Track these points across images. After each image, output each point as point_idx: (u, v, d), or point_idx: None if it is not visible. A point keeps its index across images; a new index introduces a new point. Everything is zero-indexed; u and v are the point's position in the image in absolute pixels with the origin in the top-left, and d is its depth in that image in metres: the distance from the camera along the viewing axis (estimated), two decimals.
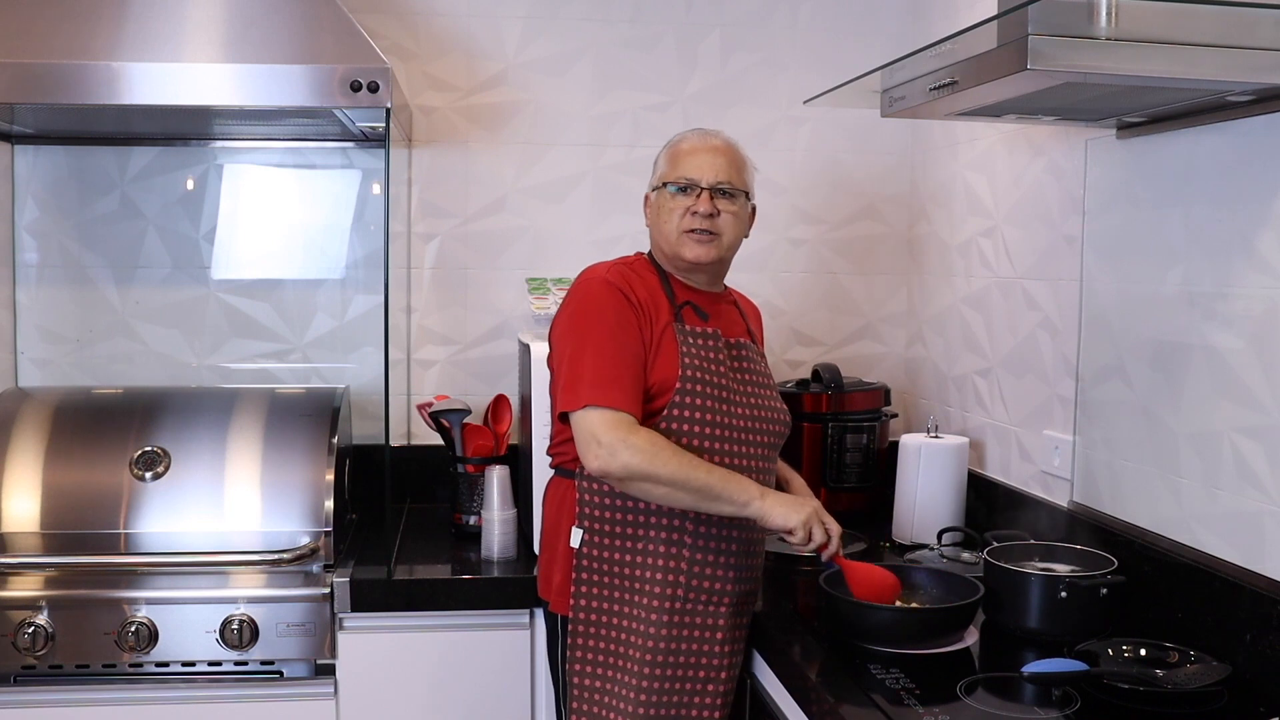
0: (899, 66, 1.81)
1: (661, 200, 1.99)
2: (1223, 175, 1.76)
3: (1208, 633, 1.75)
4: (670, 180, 1.97)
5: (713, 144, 1.99)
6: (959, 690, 1.62)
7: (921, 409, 2.87)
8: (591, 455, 1.80)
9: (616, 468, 1.78)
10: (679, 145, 2.01)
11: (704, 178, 1.95)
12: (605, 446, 1.78)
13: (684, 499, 1.81)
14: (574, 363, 1.87)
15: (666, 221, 1.97)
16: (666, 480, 1.79)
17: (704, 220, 1.94)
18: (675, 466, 1.79)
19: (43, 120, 2.52)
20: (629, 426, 1.81)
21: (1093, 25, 1.42)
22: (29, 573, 2.19)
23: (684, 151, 1.99)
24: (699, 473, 1.80)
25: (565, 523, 1.95)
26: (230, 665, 2.18)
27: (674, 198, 1.96)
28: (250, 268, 2.80)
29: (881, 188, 2.96)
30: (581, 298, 1.93)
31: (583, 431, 1.82)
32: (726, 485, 1.81)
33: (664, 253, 2.01)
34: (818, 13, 2.89)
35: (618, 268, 1.97)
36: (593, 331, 1.87)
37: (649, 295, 1.94)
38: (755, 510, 1.82)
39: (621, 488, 1.84)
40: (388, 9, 2.77)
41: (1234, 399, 1.73)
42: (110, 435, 2.37)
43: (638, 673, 1.88)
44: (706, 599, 1.90)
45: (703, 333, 1.95)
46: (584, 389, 1.83)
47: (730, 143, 2.01)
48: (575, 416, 1.84)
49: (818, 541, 1.84)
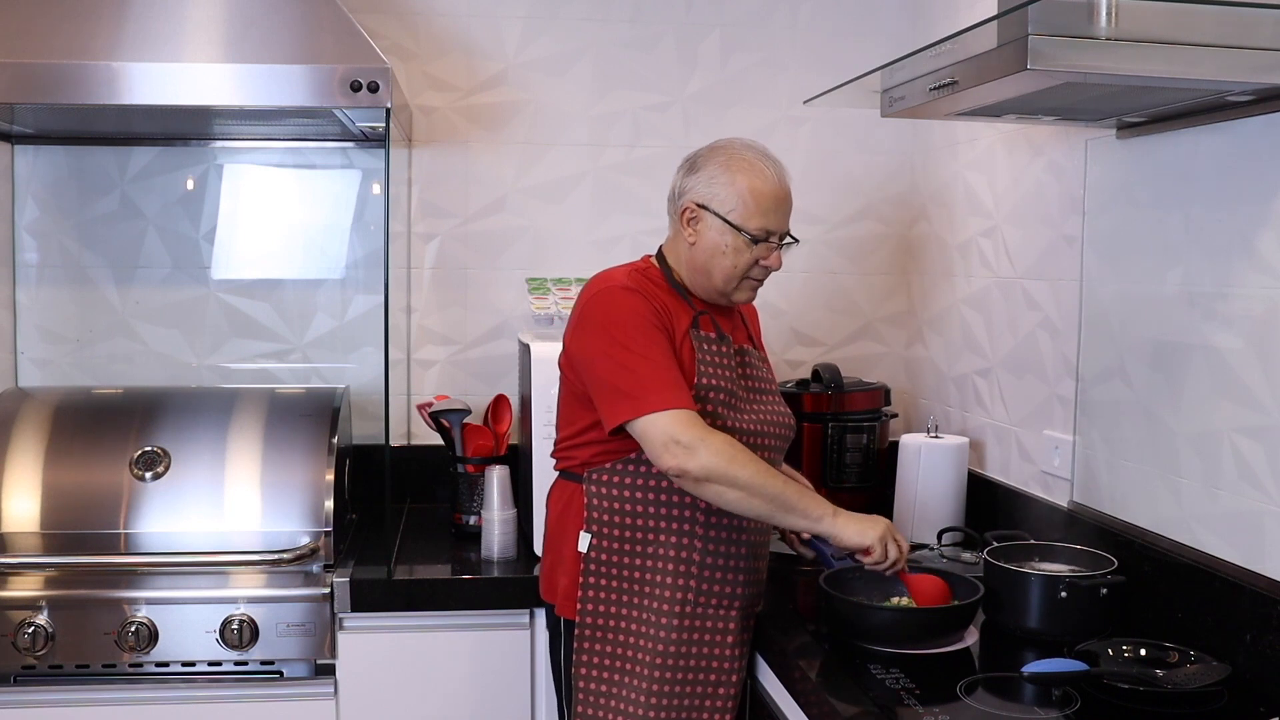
0: (899, 66, 1.81)
1: (729, 240, 1.88)
2: (1223, 175, 1.76)
3: (1208, 633, 1.75)
4: (750, 230, 1.87)
5: (787, 188, 1.91)
6: (959, 690, 1.62)
7: (921, 409, 2.87)
8: (670, 455, 1.75)
9: (695, 467, 1.74)
10: (758, 186, 1.88)
11: (781, 229, 1.90)
12: (685, 445, 1.74)
13: (757, 506, 1.78)
14: (627, 371, 1.81)
15: (732, 265, 1.89)
16: (744, 484, 1.76)
17: (770, 272, 1.92)
18: (753, 472, 1.76)
19: (43, 120, 2.52)
20: (704, 426, 1.78)
21: (1093, 25, 1.42)
22: (29, 573, 2.19)
23: (767, 196, 1.88)
24: (775, 481, 1.78)
25: (571, 526, 1.94)
26: (230, 665, 2.18)
27: (747, 244, 1.88)
28: (250, 268, 2.80)
29: (881, 188, 2.96)
30: (610, 307, 1.87)
31: (658, 433, 1.76)
32: (802, 498, 1.80)
33: (707, 283, 1.93)
34: (818, 13, 2.89)
35: (634, 275, 1.92)
36: (634, 338, 1.83)
37: (668, 302, 1.91)
38: (827, 527, 1.80)
39: (695, 489, 1.79)
40: (388, 9, 2.77)
41: (1234, 399, 1.73)
42: (110, 435, 2.36)
43: (647, 676, 1.87)
44: (718, 602, 1.90)
45: (717, 339, 1.93)
46: (647, 395, 1.78)
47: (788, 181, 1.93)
48: (643, 423, 1.78)
49: (891, 559, 1.83)
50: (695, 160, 1.94)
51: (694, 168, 1.94)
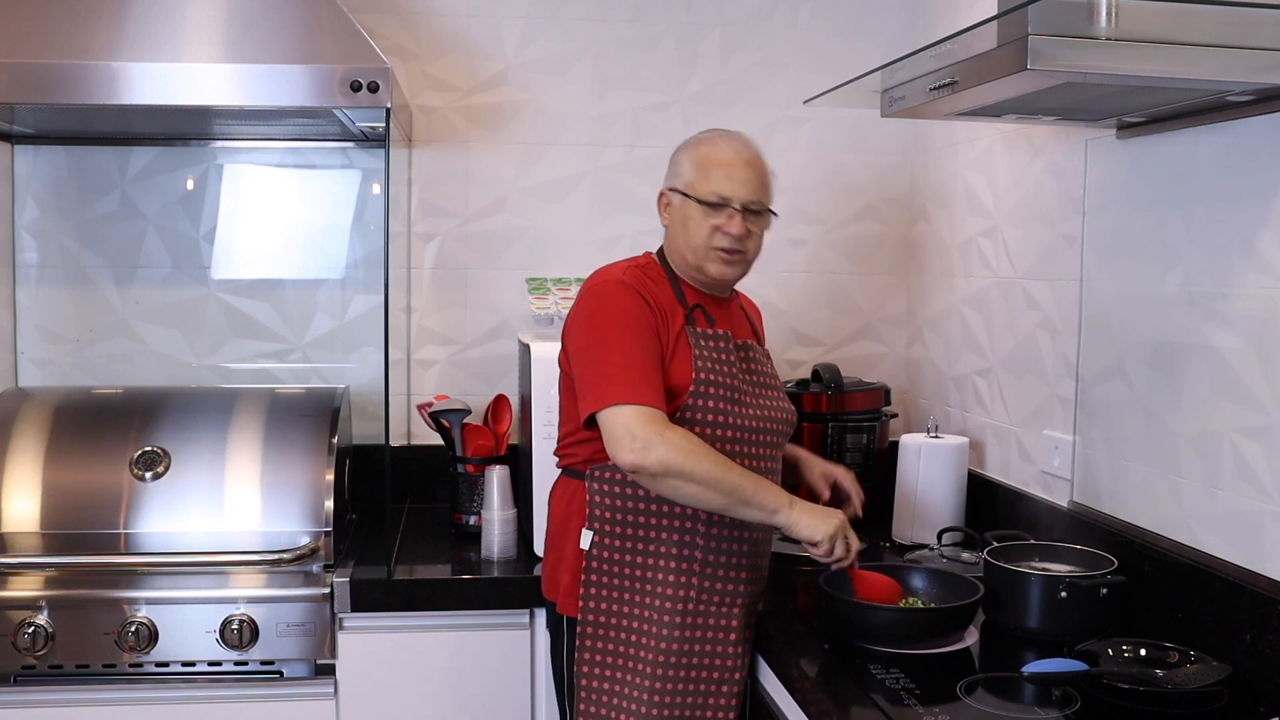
0: (899, 66, 1.81)
1: (688, 211, 1.92)
2: (1223, 175, 1.76)
3: (1208, 633, 1.75)
4: (701, 196, 1.90)
5: (745, 155, 1.92)
6: (959, 690, 1.62)
7: (921, 409, 2.87)
8: (626, 450, 1.75)
9: (651, 462, 1.75)
10: (710, 153, 1.92)
11: (737, 196, 1.89)
12: (641, 440, 1.75)
13: (714, 500, 1.79)
14: (600, 363, 1.83)
15: (694, 235, 1.91)
16: (700, 479, 1.76)
17: (734, 240, 1.90)
18: (710, 466, 1.77)
19: (43, 120, 2.52)
20: (664, 422, 1.78)
21: (1093, 25, 1.42)
22: (29, 573, 2.19)
23: (717, 162, 1.90)
24: (732, 475, 1.78)
25: (574, 524, 1.94)
26: (230, 665, 2.18)
27: (704, 212, 1.90)
28: (250, 268, 2.80)
29: (881, 188, 2.96)
30: (599, 300, 1.89)
31: (616, 428, 1.77)
32: (758, 491, 1.80)
33: (685, 261, 1.95)
34: (818, 13, 2.89)
35: (631, 270, 1.93)
36: (615, 332, 1.84)
37: (663, 298, 1.92)
38: (783, 519, 1.81)
39: (652, 484, 1.79)
40: (388, 9, 2.77)
41: (1234, 399, 1.73)
42: (110, 435, 2.36)
43: (650, 674, 1.87)
44: (720, 600, 1.90)
45: (714, 334, 1.93)
46: (614, 388, 1.79)
47: (760, 154, 1.95)
48: (606, 415, 1.79)
49: (838, 556, 1.83)
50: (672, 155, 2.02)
51: (670, 162, 2.01)
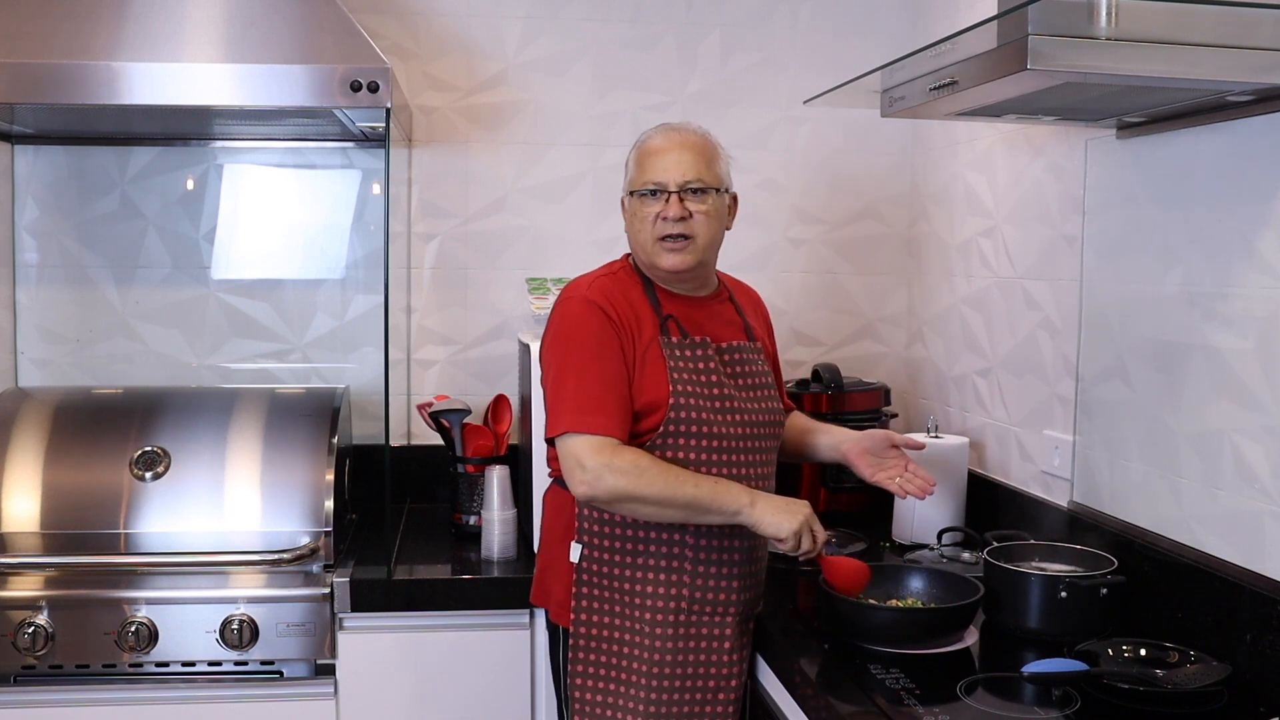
0: (899, 66, 1.81)
1: (633, 207, 1.92)
2: (1223, 175, 1.76)
3: (1208, 633, 1.75)
4: (638, 186, 1.91)
5: (677, 140, 1.91)
6: (959, 690, 1.62)
7: (921, 409, 2.87)
8: (577, 481, 1.79)
9: (601, 492, 1.77)
10: (645, 145, 1.93)
11: (671, 179, 1.88)
12: (590, 472, 1.77)
13: (673, 514, 1.81)
14: (556, 388, 1.85)
15: (640, 230, 1.91)
16: (654, 499, 1.78)
17: (675, 225, 1.87)
18: (661, 485, 1.77)
19: (43, 120, 2.52)
20: (612, 449, 1.79)
21: (1093, 25, 1.42)
22: (29, 573, 2.19)
23: (649, 152, 1.91)
24: (686, 487, 1.79)
25: (564, 534, 1.93)
26: (230, 665, 2.18)
27: (644, 203, 1.89)
28: (250, 268, 2.80)
29: (881, 188, 2.96)
30: (561, 319, 1.89)
31: (567, 458, 1.80)
32: (715, 496, 1.80)
33: (644, 261, 1.94)
34: (818, 13, 2.89)
35: (600, 281, 1.92)
36: (572, 355, 1.84)
37: (631, 310, 1.89)
38: (745, 518, 1.80)
39: (610, 508, 1.83)
40: (388, 9, 2.77)
41: (1234, 399, 1.73)
42: (110, 435, 2.37)
43: (644, 685, 1.86)
44: (712, 610, 1.89)
45: (691, 343, 1.90)
46: (565, 415, 1.81)
47: (698, 134, 1.93)
48: (560, 443, 1.82)
49: (804, 549, 1.82)
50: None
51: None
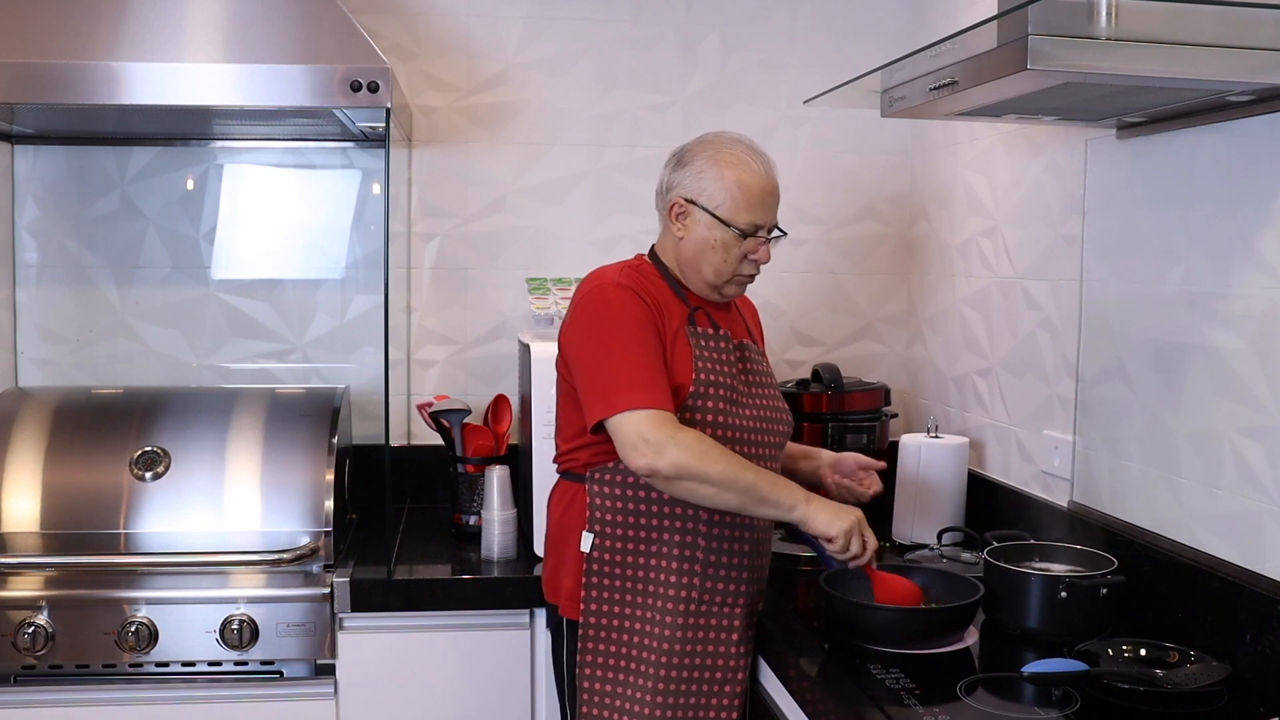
0: (899, 66, 1.81)
1: (718, 235, 1.89)
2: (1223, 175, 1.76)
3: (1208, 633, 1.75)
4: (739, 225, 1.88)
5: (774, 181, 1.92)
6: (959, 690, 1.62)
7: (921, 409, 2.87)
8: (639, 454, 1.75)
9: (665, 465, 1.74)
10: (744, 179, 1.88)
11: (769, 222, 1.90)
12: (653, 445, 1.74)
13: (730, 500, 1.78)
14: (604, 369, 1.82)
15: (718, 259, 1.90)
16: (715, 480, 1.76)
17: (757, 267, 1.92)
18: (724, 466, 1.76)
19: (43, 120, 2.52)
20: (674, 424, 1.78)
21: (1093, 25, 1.42)
22: (29, 573, 2.19)
23: (754, 190, 1.88)
24: (747, 474, 1.78)
25: (574, 527, 1.93)
26: (230, 665, 2.18)
27: (736, 238, 1.89)
28: (250, 268, 2.80)
29: (881, 188, 2.96)
30: (597, 303, 1.88)
31: (628, 433, 1.77)
32: (774, 488, 1.80)
33: (700, 278, 1.94)
34: (818, 13, 2.89)
35: (627, 272, 1.93)
36: (618, 336, 1.83)
37: (661, 297, 1.91)
38: (800, 514, 1.80)
39: (667, 487, 1.79)
40: (388, 9, 2.77)
41: (1234, 399, 1.73)
42: (110, 435, 2.36)
43: (652, 675, 1.87)
44: (722, 600, 1.90)
45: (714, 334, 1.93)
46: (621, 393, 1.79)
47: (774, 167, 1.94)
48: (615, 421, 1.79)
49: (854, 553, 1.82)
50: (683, 155, 1.95)
51: (681, 162, 1.94)
